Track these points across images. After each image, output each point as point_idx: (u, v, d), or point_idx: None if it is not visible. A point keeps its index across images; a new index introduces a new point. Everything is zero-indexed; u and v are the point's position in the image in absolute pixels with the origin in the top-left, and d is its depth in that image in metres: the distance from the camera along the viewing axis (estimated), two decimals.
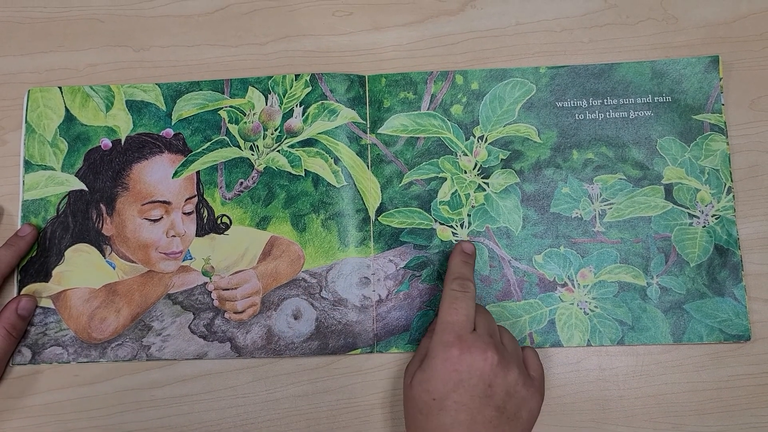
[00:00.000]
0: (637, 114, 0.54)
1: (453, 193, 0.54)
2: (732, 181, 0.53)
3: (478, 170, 0.54)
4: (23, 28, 0.58)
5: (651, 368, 0.52)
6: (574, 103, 0.55)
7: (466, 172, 0.54)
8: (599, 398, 0.51)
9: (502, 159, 0.54)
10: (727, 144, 0.53)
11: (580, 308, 0.52)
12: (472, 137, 0.55)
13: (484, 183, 0.54)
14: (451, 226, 0.53)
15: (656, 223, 0.53)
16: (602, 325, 0.52)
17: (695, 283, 0.52)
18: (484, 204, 0.54)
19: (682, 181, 0.53)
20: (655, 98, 0.54)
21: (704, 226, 0.52)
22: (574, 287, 0.52)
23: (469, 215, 0.54)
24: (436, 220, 0.54)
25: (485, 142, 0.54)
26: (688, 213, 0.53)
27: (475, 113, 0.55)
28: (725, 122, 0.54)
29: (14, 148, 0.55)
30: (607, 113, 0.54)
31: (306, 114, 0.55)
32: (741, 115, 0.55)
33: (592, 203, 0.53)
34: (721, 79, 0.54)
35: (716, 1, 0.57)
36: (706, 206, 0.53)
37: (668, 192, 0.53)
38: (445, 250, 0.53)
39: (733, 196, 0.53)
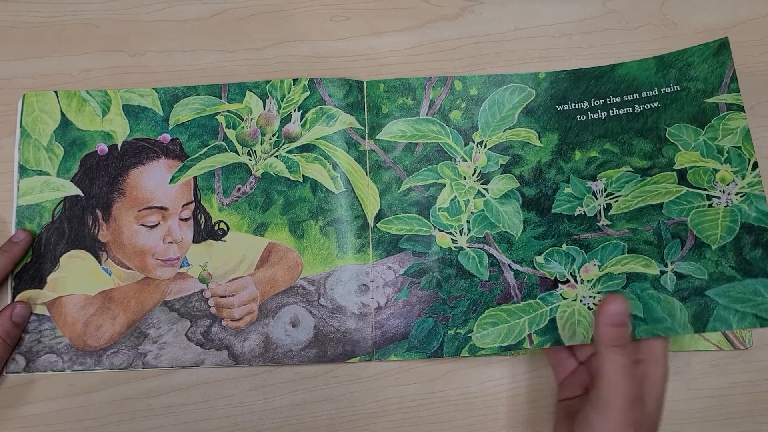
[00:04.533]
0: (643, 107, 0.53)
1: (452, 200, 0.53)
2: (755, 156, 0.50)
3: (478, 176, 0.54)
4: (17, 33, 0.57)
5: None
6: (575, 106, 0.54)
7: (465, 178, 0.54)
8: None
9: (501, 164, 0.54)
10: (746, 120, 0.51)
11: (584, 303, 0.50)
12: (471, 143, 0.54)
13: (484, 189, 0.54)
14: (451, 233, 0.53)
15: (668, 208, 0.51)
16: None
17: (719, 266, 0.49)
18: (483, 210, 0.53)
19: (697, 164, 0.51)
20: (662, 90, 0.53)
21: (727, 206, 0.50)
22: (577, 283, 0.51)
23: (468, 221, 0.53)
24: (435, 227, 0.53)
25: (485, 147, 0.54)
26: (707, 194, 0.50)
27: (474, 119, 0.55)
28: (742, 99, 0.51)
29: (8, 153, 0.55)
30: (611, 111, 0.54)
31: (304, 119, 0.54)
32: None
33: (596, 199, 0.52)
34: (732, 59, 0.52)
35: (715, 7, 0.57)
36: (727, 185, 0.50)
37: (681, 176, 0.51)
38: (444, 257, 0.53)
39: (759, 171, 0.50)
